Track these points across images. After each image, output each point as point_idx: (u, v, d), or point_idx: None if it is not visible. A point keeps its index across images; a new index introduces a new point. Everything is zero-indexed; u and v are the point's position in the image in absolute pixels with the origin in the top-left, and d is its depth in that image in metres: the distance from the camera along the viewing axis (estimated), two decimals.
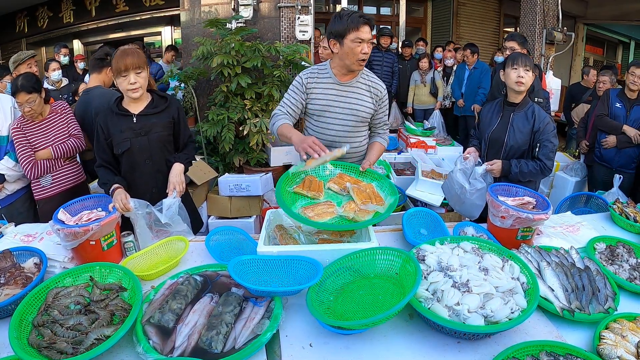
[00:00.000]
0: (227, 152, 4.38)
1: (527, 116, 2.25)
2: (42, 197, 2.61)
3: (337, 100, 2.09)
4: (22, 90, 2.42)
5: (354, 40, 1.93)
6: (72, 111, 2.71)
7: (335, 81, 2.09)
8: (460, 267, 1.42)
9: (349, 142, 2.15)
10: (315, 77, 2.11)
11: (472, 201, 2.23)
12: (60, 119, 2.63)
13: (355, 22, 1.91)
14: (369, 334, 1.30)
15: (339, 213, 1.64)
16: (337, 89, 2.09)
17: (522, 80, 2.19)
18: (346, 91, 2.09)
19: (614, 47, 10.96)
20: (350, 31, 1.92)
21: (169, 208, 1.88)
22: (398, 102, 6.23)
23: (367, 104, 2.12)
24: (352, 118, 2.11)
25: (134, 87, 1.93)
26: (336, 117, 2.10)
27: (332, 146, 2.10)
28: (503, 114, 2.33)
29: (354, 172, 1.95)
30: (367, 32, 1.94)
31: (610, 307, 1.38)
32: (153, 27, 9.04)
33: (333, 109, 2.10)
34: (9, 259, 1.62)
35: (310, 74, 2.13)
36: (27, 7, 8.57)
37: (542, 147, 2.21)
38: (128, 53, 1.92)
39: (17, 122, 2.53)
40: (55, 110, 2.64)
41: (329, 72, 2.10)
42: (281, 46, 4.37)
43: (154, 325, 1.28)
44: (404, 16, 8.44)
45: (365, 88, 2.12)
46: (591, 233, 1.94)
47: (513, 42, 3.19)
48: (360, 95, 2.11)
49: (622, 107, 3.39)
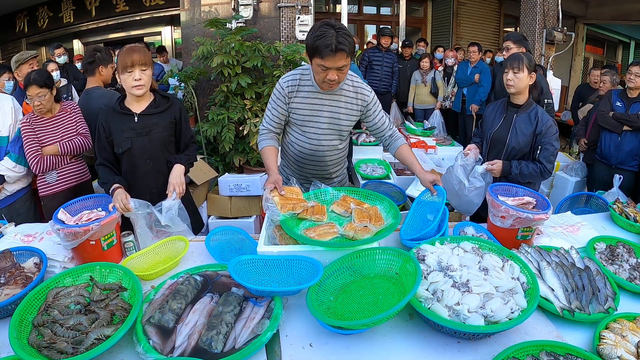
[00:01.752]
0: (227, 152, 4.39)
1: (530, 118, 2.24)
2: (47, 193, 2.63)
3: (320, 110, 1.98)
4: (33, 83, 2.47)
5: (319, 66, 1.78)
6: (81, 112, 2.73)
7: (317, 89, 1.95)
8: (461, 267, 1.42)
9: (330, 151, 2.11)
10: (297, 85, 1.97)
11: (470, 198, 2.23)
12: (69, 118, 2.67)
13: (320, 50, 1.72)
14: (369, 334, 1.30)
15: (340, 233, 1.64)
16: (320, 97, 1.97)
17: (510, 83, 2.22)
18: (330, 100, 1.98)
19: (614, 47, 10.96)
20: (316, 56, 1.76)
21: (169, 210, 1.87)
22: (398, 102, 6.23)
23: (351, 113, 2.02)
24: (336, 127, 2.03)
25: (138, 84, 1.93)
26: (319, 126, 2.01)
27: (314, 155, 2.09)
28: (506, 114, 2.33)
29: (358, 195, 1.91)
30: (333, 61, 1.74)
31: (611, 307, 1.38)
32: (153, 27, 9.06)
33: (315, 119, 2.00)
34: (9, 258, 1.62)
35: (291, 81, 1.97)
36: (27, 7, 8.58)
37: (543, 150, 2.20)
38: (134, 49, 1.93)
39: (27, 116, 2.57)
40: (65, 109, 2.68)
41: (311, 79, 1.95)
42: (281, 46, 4.38)
43: (154, 325, 1.28)
44: (404, 16, 8.45)
45: (351, 95, 2.00)
46: (591, 233, 1.94)
47: (508, 42, 3.17)
48: (345, 104, 2.00)
49: (622, 105, 3.45)
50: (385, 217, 1.74)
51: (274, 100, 2.02)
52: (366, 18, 9.13)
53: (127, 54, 1.91)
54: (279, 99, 2.00)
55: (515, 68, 2.20)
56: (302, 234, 1.61)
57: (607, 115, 3.50)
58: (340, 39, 1.71)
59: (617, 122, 3.41)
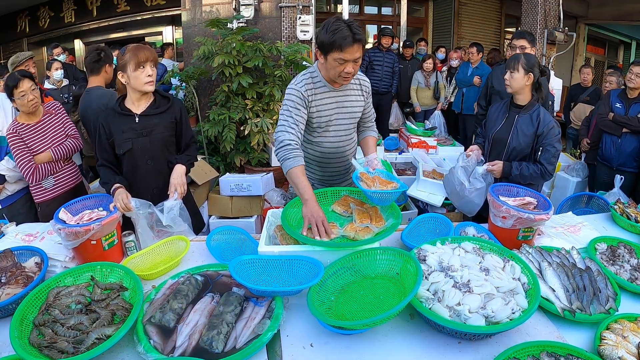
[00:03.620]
0: (228, 152, 4.39)
1: (532, 119, 2.23)
2: (44, 199, 2.57)
3: (338, 107, 2.01)
4: (25, 77, 2.40)
5: (337, 60, 1.79)
6: (65, 111, 2.68)
7: (331, 88, 1.98)
8: (461, 267, 1.42)
9: (350, 144, 2.15)
10: (312, 89, 1.95)
11: (471, 199, 2.24)
12: (55, 120, 2.59)
13: (339, 43, 1.74)
14: (370, 334, 1.30)
15: (340, 233, 1.64)
16: (335, 96, 1.99)
17: (507, 83, 2.26)
18: (344, 97, 2.02)
19: (616, 47, 10.95)
20: (334, 50, 1.77)
21: (170, 210, 1.88)
22: (399, 102, 6.22)
23: (360, 103, 2.08)
24: (352, 122, 2.09)
25: (151, 80, 1.96)
26: (341, 122, 2.05)
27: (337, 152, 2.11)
28: (509, 114, 2.33)
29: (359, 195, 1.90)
30: (352, 52, 1.77)
31: (612, 307, 1.38)
32: (154, 26, 9.04)
33: (337, 116, 2.02)
34: (10, 258, 1.63)
35: (306, 84, 1.94)
36: (29, 7, 8.59)
37: (544, 152, 2.19)
38: (143, 47, 1.96)
39: (11, 127, 2.45)
40: (49, 110, 2.59)
41: (322, 80, 1.96)
42: (282, 46, 4.38)
43: (154, 324, 1.28)
44: (405, 16, 8.43)
45: (356, 88, 2.06)
46: (592, 233, 1.94)
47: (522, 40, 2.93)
48: (354, 97, 2.05)
49: (622, 107, 3.43)
50: (386, 217, 1.74)
51: (295, 107, 1.90)
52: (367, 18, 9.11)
53: (139, 51, 1.93)
54: (299, 104, 1.91)
55: (511, 68, 2.22)
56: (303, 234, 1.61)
57: (606, 117, 3.48)
58: (355, 30, 1.76)
59: (617, 124, 3.40)
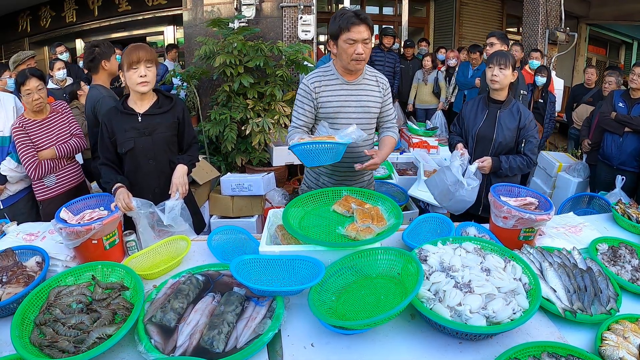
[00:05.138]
0: (230, 152, 4.39)
1: (513, 113, 2.34)
2: (46, 197, 2.59)
3: (348, 100, 2.04)
4: (33, 75, 2.42)
5: (346, 41, 1.88)
6: (71, 110, 2.71)
7: (344, 81, 2.03)
8: (462, 267, 1.42)
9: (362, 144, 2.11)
10: (321, 81, 2.03)
11: (463, 197, 2.23)
12: (61, 118, 2.63)
13: (345, 23, 1.86)
14: (371, 334, 1.30)
15: (342, 233, 1.64)
16: (347, 88, 2.04)
17: (496, 79, 2.29)
18: (356, 89, 2.05)
19: (617, 47, 10.94)
20: (342, 32, 1.88)
21: (171, 210, 1.88)
22: (400, 102, 6.22)
23: (376, 99, 2.09)
24: (366, 116, 2.08)
25: (143, 80, 1.94)
26: (350, 117, 2.05)
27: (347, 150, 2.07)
28: (489, 110, 2.39)
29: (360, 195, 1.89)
30: (359, 32, 1.87)
31: (613, 308, 1.38)
32: (155, 26, 9.05)
33: (346, 110, 2.04)
34: (11, 257, 1.63)
35: (315, 78, 2.04)
36: (30, 7, 8.60)
37: (527, 143, 2.32)
38: (140, 47, 1.95)
39: (18, 120, 2.50)
40: (56, 109, 2.64)
41: (335, 72, 2.04)
42: (284, 46, 4.39)
43: (155, 324, 1.28)
44: (406, 16, 8.42)
45: (373, 83, 2.09)
46: (593, 234, 1.93)
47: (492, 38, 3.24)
48: (370, 92, 2.07)
49: (624, 106, 3.43)
50: (387, 218, 1.74)
51: (300, 100, 2.06)
52: None
53: (133, 50, 1.92)
54: (304, 97, 2.04)
55: (502, 65, 2.27)
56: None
57: (608, 116, 3.48)
58: (360, 12, 1.89)
59: (619, 123, 3.40)
